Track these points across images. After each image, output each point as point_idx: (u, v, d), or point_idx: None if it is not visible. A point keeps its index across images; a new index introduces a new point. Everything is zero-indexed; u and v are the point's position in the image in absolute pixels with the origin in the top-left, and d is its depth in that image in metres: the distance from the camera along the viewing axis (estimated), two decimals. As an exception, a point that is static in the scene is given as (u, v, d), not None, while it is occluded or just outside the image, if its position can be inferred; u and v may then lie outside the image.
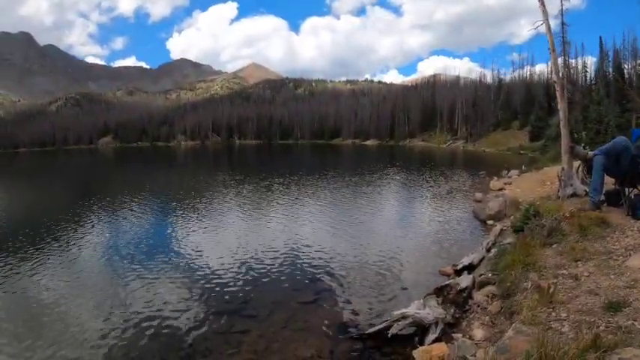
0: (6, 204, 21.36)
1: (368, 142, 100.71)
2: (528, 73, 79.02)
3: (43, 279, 8.39)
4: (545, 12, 11.94)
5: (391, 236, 11.23)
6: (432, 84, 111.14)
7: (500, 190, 16.53)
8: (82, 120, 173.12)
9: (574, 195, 10.30)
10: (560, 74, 12.34)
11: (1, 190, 28.94)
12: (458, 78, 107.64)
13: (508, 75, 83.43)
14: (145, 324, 6.16)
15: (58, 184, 33.14)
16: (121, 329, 6.00)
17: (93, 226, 13.76)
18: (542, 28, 12.17)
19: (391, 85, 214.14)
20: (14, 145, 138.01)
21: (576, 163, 11.04)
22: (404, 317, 5.09)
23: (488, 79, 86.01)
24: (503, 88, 76.46)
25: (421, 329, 5.10)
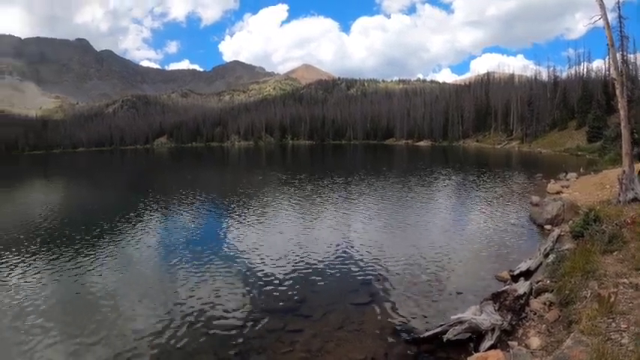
0: (68, 199, 22.53)
1: (421, 143, 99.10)
2: (585, 69, 75.61)
3: (100, 271, 9.00)
4: (602, 5, 11.61)
5: (446, 238, 11.18)
6: (486, 82, 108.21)
7: (558, 193, 16.03)
8: (138, 121, 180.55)
9: (635, 200, 9.97)
10: (619, 70, 11.90)
11: (65, 185, 30.45)
12: (512, 76, 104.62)
13: (564, 72, 79.99)
14: (199, 319, 6.49)
15: (118, 179, 34.37)
16: (176, 323, 6.36)
17: (150, 221, 14.56)
18: (600, 23, 11.84)
19: (444, 84, 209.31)
20: (73, 145, 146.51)
21: (638, 166, 10.67)
22: (460, 322, 5.11)
23: (544, 76, 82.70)
24: (559, 86, 73.47)
25: (477, 335, 5.10)
